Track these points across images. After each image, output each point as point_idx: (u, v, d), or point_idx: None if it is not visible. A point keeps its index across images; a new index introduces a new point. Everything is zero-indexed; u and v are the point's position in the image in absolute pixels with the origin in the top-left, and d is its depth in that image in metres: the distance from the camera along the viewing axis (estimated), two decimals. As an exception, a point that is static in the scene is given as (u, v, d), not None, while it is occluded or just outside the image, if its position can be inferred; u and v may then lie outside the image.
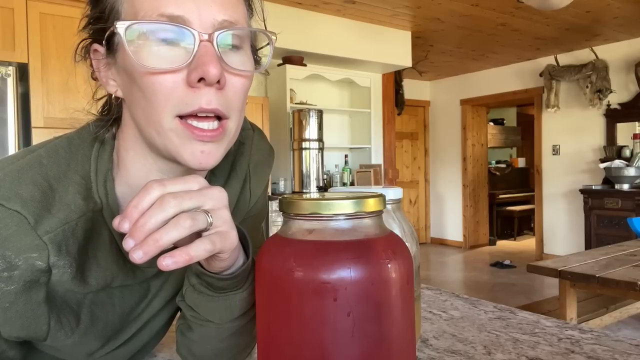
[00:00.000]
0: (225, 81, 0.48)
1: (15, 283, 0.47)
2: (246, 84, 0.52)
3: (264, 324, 0.44)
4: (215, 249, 0.44)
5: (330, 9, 4.36)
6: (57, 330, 0.51)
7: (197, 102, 0.48)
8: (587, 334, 0.75)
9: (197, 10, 0.47)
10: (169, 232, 0.40)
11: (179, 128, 0.49)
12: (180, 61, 0.47)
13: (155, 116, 0.49)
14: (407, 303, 0.43)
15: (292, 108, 4.45)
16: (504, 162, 8.67)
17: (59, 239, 0.49)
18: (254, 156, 0.70)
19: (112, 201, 0.55)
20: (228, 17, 0.49)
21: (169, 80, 0.48)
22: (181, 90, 0.48)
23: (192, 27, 0.47)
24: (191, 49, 0.47)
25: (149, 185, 0.42)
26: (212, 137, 0.49)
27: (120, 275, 0.56)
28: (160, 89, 0.48)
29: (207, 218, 0.43)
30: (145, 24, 0.48)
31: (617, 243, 3.22)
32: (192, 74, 0.47)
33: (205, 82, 0.47)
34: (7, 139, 2.78)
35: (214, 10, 0.48)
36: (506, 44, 5.47)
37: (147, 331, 0.64)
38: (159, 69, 0.47)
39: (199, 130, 0.49)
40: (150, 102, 0.49)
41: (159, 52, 0.48)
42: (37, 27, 2.88)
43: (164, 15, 0.47)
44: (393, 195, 0.63)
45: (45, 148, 0.54)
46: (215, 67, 0.46)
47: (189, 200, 0.43)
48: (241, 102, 0.52)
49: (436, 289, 1.04)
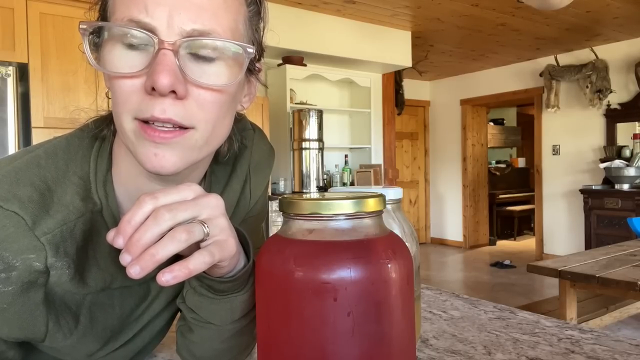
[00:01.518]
0: (185, 92, 0.47)
1: (13, 284, 0.47)
2: (218, 97, 0.49)
3: (264, 324, 0.44)
4: (215, 259, 0.44)
5: (330, 9, 4.36)
6: (56, 331, 0.51)
7: (151, 110, 0.47)
8: (587, 334, 0.75)
9: (166, 17, 0.46)
10: (166, 247, 0.40)
11: (136, 129, 0.48)
12: (139, 67, 0.46)
13: (118, 117, 0.49)
14: (407, 303, 0.43)
15: (292, 108, 4.45)
16: (504, 162, 8.67)
17: (57, 240, 0.49)
18: (254, 156, 0.70)
19: (112, 202, 0.55)
20: (199, 26, 0.47)
21: (128, 84, 0.47)
22: (138, 96, 0.47)
23: (157, 34, 0.46)
24: (151, 56, 0.46)
25: (141, 198, 0.42)
26: (163, 138, 0.47)
27: (120, 276, 0.56)
28: (120, 93, 0.48)
29: (204, 229, 0.43)
30: (110, 26, 0.48)
31: (617, 243, 3.22)
32: (146, 81, 0.46)
33: (157, 91, 0.46)
34: (7, 139, 2.78)
35: (185, 19, 0.46)
36: (506, 44, 5.47)
37: (148, 332, 0.64)
38: (117, 73, 0.47)
39: (151, 130, 0.47)
40: (115, 104, 0.49)
41: (124, 55, 0.47)
42: (37, 27, 2.88)
43: (133, 20, 0.46)
44: (393, 195, 0.63)
45: (43, 149, 0.54)
46: (166, 78, 0.44)
47: (183, 212, 0.42)
48: (213, 114, 0.50)
49: (436, 289, 1.04)
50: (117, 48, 0.47)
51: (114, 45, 0.48)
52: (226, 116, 0.53)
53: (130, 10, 0.46)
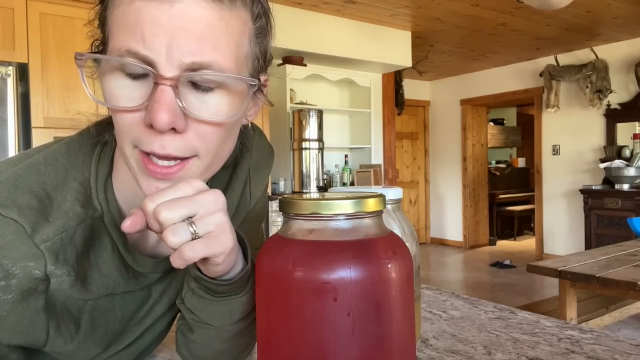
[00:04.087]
0: (184, 127, 0.46)
1: (12, 292, 0.46)
2: (217, 130, 0.48)
3: (264, 323, 0.44)
4: (207, 252, 0.44)
5: (330, 9, 4.36)
6: (57, 337, 0.51)
7: (150, 146, 0.46)
8: (587, 334, 0.75)
9: (165, 49, 0.44)
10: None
11: (138, 158, 0.48)
12: (139, 100, 0.46)
13: (120, 142, 0.49)
14: (407, 303, 0.43)
15: (292, 108, 4.45)
16: (504, 162, 8.67)
17: (57, 247, 0.48)
18: (254, 157, 0.69)
19: (112, 207, 0.54)
20: (199, 57, 0.45)
21: (128, 117, 0.46)
22: (138, 129, 0.46)
23: (156, 68, 0.44)
24: (150, 88, 0.45)
25: (143, 204, 0.44)
26: (164, 175, 0.47)
27: (122, 282, 0.56)
28: (121, 123, 0.47)
29: (190, 229, 0.43)
30: (109, 59, 0.46)
31: (617, 243, 3.22)
32: (145, 116, 0.45)
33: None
34: (7, 139, 2.78)
35: (185, 51, 0.44)
36: (506, 44, 5.47)
37: (149, 335, 0.64)
38: (117, 107, 0.46)
39: (152, 166, 0.47)
40: (116, 129, 0.49)
41: (123, 86, 0.46)
42: (37, 27, 2.88)
43: (131, 52, 0.44)
44: (393, 195, 0.63)
45: (43, 154, 0.53)
46: (165, 116, 0.43)
47: (177, 210, 0.43)
48: (214, 143, 0.49)
49: (436, 289, 1.04)
50: (115, 77, 0.46)
51: (112, 73, 0.47)
52: (228, 140, 0.52)
53: (128, 40, 0.44)
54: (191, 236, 0.43)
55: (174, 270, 0.61)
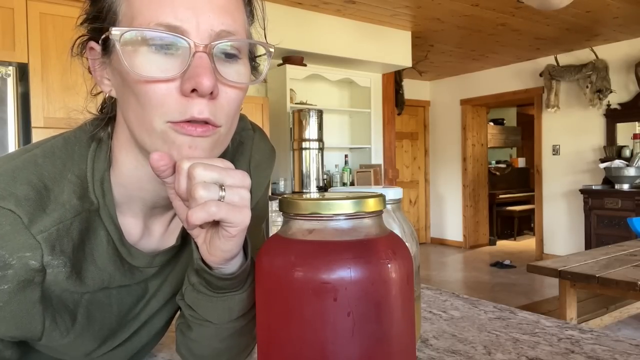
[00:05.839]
0: (218, 92, 0.48)
1: (9, 282, 0.47)
2: (240, 95, 0.52)
3: (264, 323, 0.44)
4: (222, 215, 0.44)
5: (330, 9, 4.36)
6: (52, 330, 0.51)
7: (190, 112, 0.47)
8: (587, 334, 0.75)
9: (195, 20, 0.47)
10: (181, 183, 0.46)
11: (167, 130, 0.48)
12: (174, 71, 0.47)
13: (148, 120, 0.49)
14: (407, 303, 0.43)
15: (292, 108, 4.45)
16: (504, 162, 8.67)
17: (53, 238, 0.49)
18: (254, 157, 0.69)
19: (109, 201, 0.55)
20: (226, 27, 0.49)
21: (162, 88, 0.47)
22: (174, 99, 0.48)
23: (188, 37, 0.47)
24: (186, 59, 0.47)
25: (178, 163, 0.46)
26: (201, 132, 0.49)
27: (118, 275, 0.56)
28: (153, 97, 0.48)
29: (220, 191, 0.45)
30: (141, 31, 0.47)
31: (617, 243, 3.23)
32: (185, 84, 0.47)
33: (197, 93, 0.47)
34: (7, 139, 2.78)
35: (212, 20, 0.48)
36: (506, 44, 5.47)
37: (146, 331, 0.64)
38: (152, 78, 0.47)
39: (191, 127, 0.48)
40: (143, 107, 0.49)
41: (153, 60, 0.47)
42: (37, 27, 2.88)
43: (162, 24, 0.46)
44: (393, 195, 0.63)
45: (41, 148, 0.54)
46: (209, 79, 0.46)
47: (211, 172, 0.45)
48: (234, 111, 0.52)
49: (436, 289, 1.04)
50: (142, 52, 0.47)
51: (140, 48, 0.47)
52: (237, 115, 0.55)
53: (157, 14, 0.47)
54: (219, 197, 0.45)
55: (170, 265, 0.62)
